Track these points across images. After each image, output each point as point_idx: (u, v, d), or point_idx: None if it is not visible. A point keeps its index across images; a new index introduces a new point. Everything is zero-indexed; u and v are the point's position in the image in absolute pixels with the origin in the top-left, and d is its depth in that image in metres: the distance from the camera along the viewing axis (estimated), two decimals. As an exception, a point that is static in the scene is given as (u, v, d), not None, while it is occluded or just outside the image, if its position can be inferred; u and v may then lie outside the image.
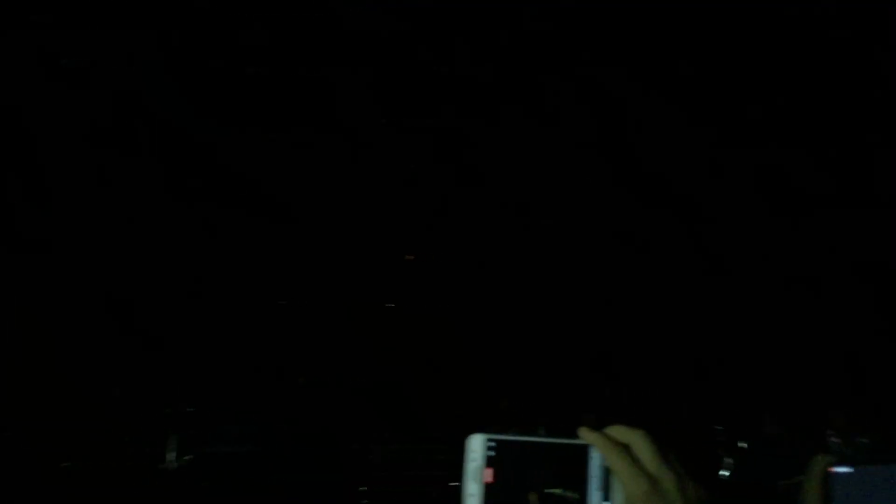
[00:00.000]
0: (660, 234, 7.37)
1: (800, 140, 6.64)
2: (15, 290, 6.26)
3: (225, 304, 7.23)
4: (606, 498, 0.96)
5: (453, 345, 7.86)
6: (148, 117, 5.86)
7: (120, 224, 6.50)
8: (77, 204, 6.26)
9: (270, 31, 5.65)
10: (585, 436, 0.96)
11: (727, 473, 5.74)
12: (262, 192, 6.76)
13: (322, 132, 6.45)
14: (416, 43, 5.95)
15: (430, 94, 6.32)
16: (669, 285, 7.72)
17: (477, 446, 0.92)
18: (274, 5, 5.51)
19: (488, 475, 0.91)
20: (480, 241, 7.45)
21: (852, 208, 6.90)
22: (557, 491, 0.94)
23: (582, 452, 0.96)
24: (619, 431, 0.97)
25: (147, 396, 6.74)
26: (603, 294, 7.72)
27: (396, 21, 5.74)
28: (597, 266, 7.62)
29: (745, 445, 7.03)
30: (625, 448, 0.95)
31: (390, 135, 6.62)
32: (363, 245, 7.39)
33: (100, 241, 6.54)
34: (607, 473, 0.95)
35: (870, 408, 7.14)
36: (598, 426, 0.97)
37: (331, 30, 5.78)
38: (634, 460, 0.94)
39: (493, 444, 0.92)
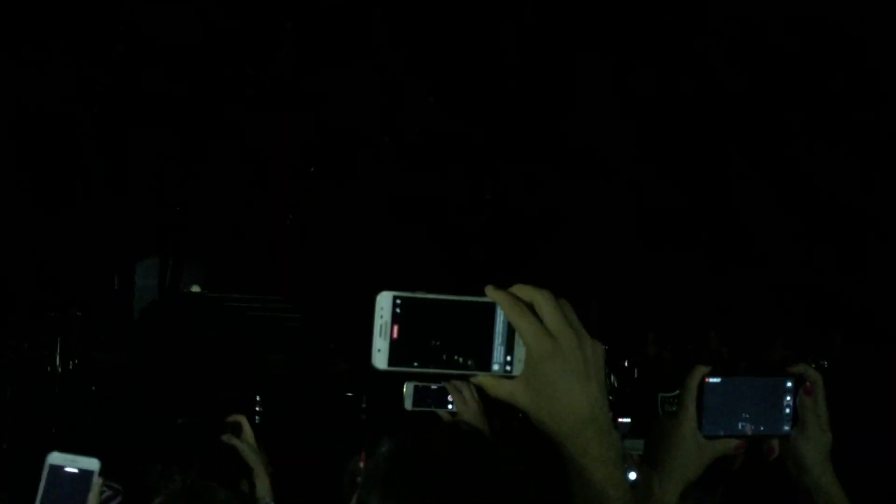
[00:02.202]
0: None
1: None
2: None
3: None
4: (509, 354, 0.97)
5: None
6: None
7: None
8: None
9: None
10: (491, 293, 0.97)
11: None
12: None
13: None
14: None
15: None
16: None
17: (385, 303, 0.95)
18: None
19: (395, 331, 0.95)
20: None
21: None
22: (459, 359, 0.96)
23: (488, 310, 0.97)
24: (523, 291, 0.97)
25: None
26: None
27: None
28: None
29: (627, 364, 7.57)
30: (529, 307, 0.97)
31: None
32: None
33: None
34: (512, 331, 0.97)
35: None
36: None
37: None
38: (538, 319, 0.96)
39: (399, 301, 0.95)
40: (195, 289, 7.67)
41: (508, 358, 0.96)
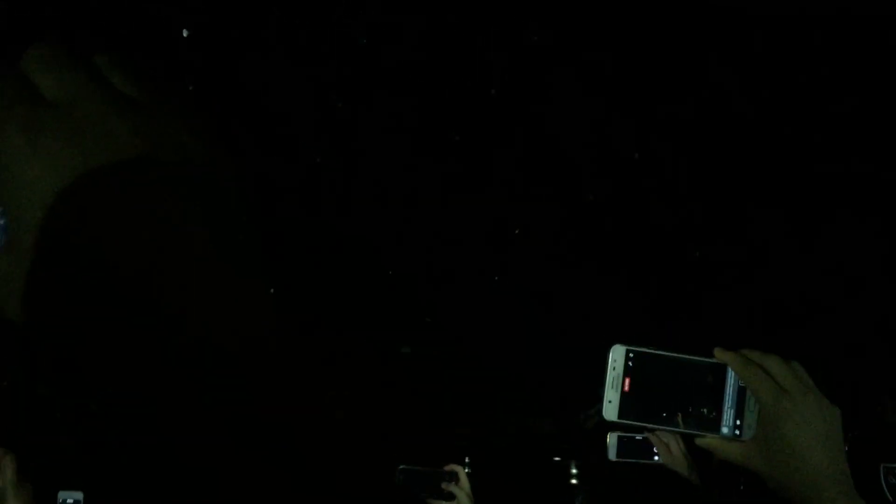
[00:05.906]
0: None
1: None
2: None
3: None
4: (739, 418, 0.98)
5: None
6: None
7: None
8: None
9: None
10: (720, 355, 0.99)
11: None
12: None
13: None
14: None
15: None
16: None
17: (618, 356, 0.99)
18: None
19: (626, 384, 0.97)
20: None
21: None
22: (701, 410, 0.98)
23: (717, 371, 0.98)
24: (753, 354, 0.99)
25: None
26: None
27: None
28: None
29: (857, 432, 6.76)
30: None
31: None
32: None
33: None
34: (741, 394, 0.98)
35: None
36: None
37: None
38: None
39: (632, 355, 0.98)
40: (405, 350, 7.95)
41: (738, 422, 0.97)
